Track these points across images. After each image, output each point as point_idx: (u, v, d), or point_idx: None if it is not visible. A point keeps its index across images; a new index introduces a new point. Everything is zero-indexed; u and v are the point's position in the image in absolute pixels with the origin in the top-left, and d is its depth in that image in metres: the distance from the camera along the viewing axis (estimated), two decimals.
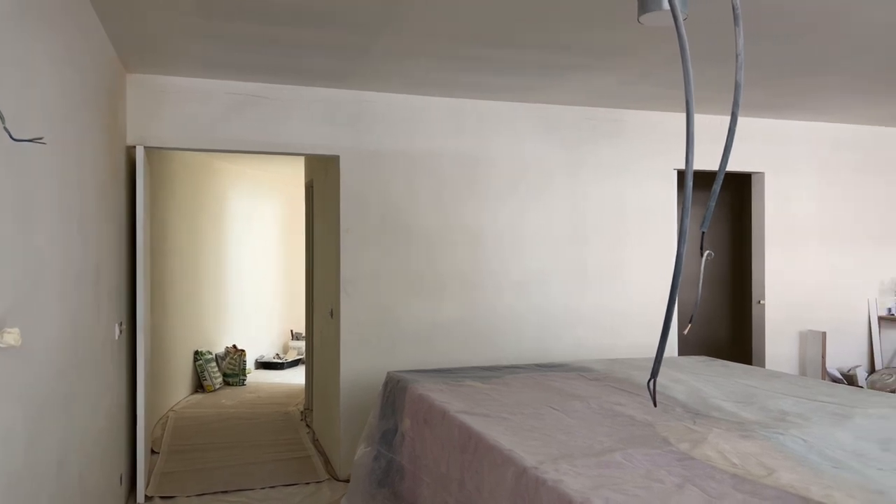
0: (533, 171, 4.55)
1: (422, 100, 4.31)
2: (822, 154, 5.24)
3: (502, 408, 2.66)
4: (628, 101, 4.49)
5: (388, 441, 3.09)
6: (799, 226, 5.19)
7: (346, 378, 4.14)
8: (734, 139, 2.40)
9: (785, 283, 5.15)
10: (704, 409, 2.62)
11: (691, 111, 2.14)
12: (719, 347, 6.51)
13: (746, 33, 3.09)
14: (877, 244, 5.39)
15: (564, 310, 4.60)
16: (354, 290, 4.16)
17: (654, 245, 4.80)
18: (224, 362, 7.04)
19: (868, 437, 2.20)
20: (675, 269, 2.18)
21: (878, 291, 5.39)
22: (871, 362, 5.37)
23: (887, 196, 5.42)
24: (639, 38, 3.17)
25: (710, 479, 1.83)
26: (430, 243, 4.32)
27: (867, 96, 4.42)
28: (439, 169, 4.35)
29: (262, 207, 8.21)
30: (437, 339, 4.31)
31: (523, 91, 4.23)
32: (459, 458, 2.41)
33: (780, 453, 2.04)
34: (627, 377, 3.25)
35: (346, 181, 4.16)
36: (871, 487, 1.75)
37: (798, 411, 2.54)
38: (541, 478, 1.86)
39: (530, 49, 3.38)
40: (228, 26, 3.04)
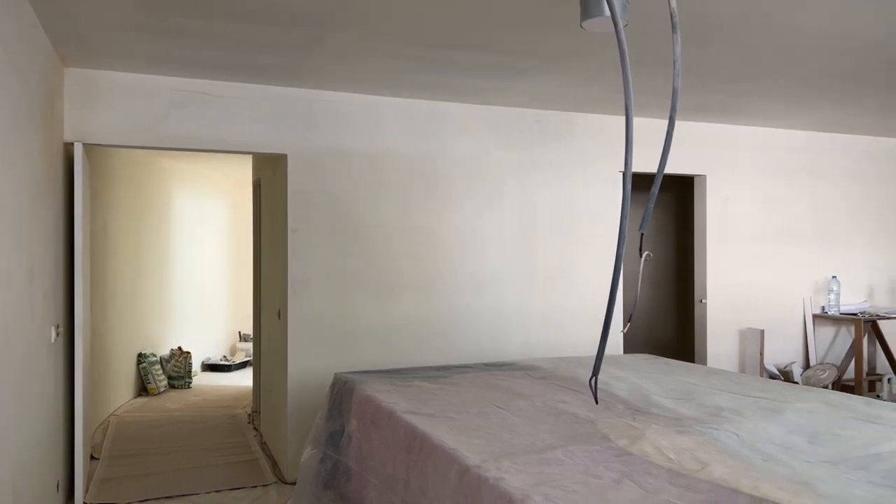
0: (485, 173, 4.59)
1: (373, 99, 4.30)
2: (761, 158, 5.43)
3: (449, 407, 2.68)
4: (576, 104, 4.57)
5: (335, 443, 3.07)
6: (739, 227, 5.37)
7: (294, 380, 4.10)
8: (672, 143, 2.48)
9: (726, 282, 5.31)
10: (645, 405, 2.69)
11: (630, 115, 2.20)
12: (664, 345, 6.68)
13: (687, 40, 3.18)
14: (811, 245, 5.61)
15: (516, 309, 4.65)
16: (303, 291, 4.12)
17: (602, 245, 4.89)
18: (169, 364, 6.88)
19: (797, 430, 2.30)
20: (614, 270, 2.24)
21: (812, 291, 5.61)
22: (805, 359, 5.58)
23: (821, 199, 5.64)
24: (583, 43, 3.23)
25: (647, 474, 1.89)
26: (382, 243, 4.31)
27: (802, 103, 4.59)
28: (391, 169, 4.34)
29: (209, 206, 8.05)
30: (389, 339, 4.30)
31: (475, 93, 4.26)
32: (405, 459, 2.42)
33: (714, 448, 2.11)
34: (573, 375, 3.31)
35: (293, 180, 4.12)
36: (798, 479, 1.83)
37: (733, 407, 2.63)
38: (483, 476, 1.88)
39: (479, 51, 3.41)
40: (171, 21, 2.98)
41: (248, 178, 6.38)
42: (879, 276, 5.88)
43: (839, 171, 5.71)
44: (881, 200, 5.89)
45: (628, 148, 2.22)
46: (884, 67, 3.71)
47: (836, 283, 5.55)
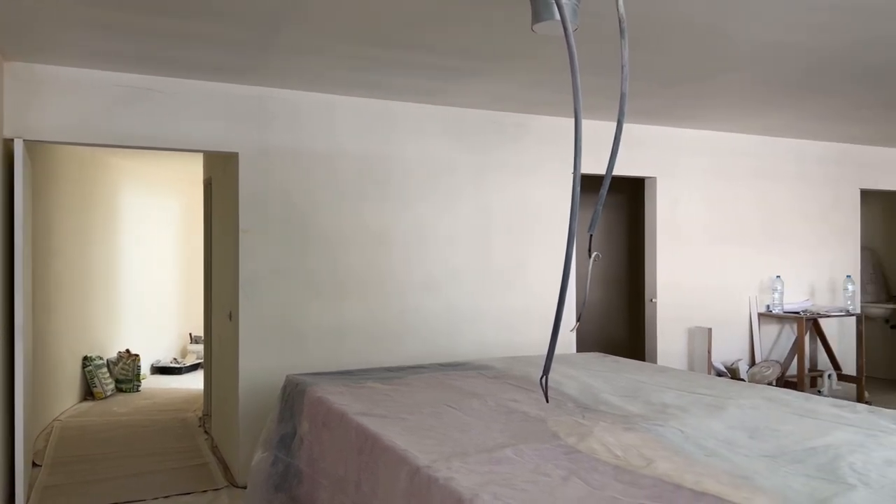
0: (440, 173, 4.60)
1: (326, 98, 4.26)
2: (709, 161, 5.58)
3: (401, 408, 2.67)
4: (530, 106, 4.61)
5: (286, 445, 3.04)
6: (688, 228, 5.50)
7: (246, 382, 4.04)
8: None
9: (675, 282, 5.43)
10: (594, 403, 2.74)
11: (579, 118, 2.23)
12: (616, 344, 6.80)
13: (636, 45, 3.25)
14: (757, 246, 5.78)
15: (471, 309, 4.67)
16: (254, 292, 4.06)
17: (556, 245, 4.95)
18: (116, 368, 6.70)
19: (738, 426, 2.37)
20: (563, 270, 2.27)
21: (757, 290, 5.79)
22: (751, 356, 5.75)
23: (767, 201, 5.82)
24: (536, 46, 3.27)
25: (594, 471, 1.92)
26: (336, 243, 4.28)
27: (748, 107, 4.73)
28: (344, 168, 4.31)
29: (159, 205, 7.86)
30: (342, 341, 4.27)
31: (430, 93, 4.26)
32: (356, 460, 2.41)
33: (660, 444, 2.16)
34: (525, 374, 3.34)
35: (245, 179, 4.06)
36: (738, 473, 1.88)
37: (678, 404, 2.70)
38: (433, 476, 1.89)
39: (433, 52, 3.41)
40: (116, 15, 2.90)
41: (199, 176, 6.26)
42: (820, 276, 6.10)
43: (783, 173, 5.90)
44: (823, 203, 6.11)
45: (577, 150, 2.25)
46: (825, 74, 3.84)
47: (779, 282, 5.73)
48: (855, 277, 6.19)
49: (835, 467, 1.93)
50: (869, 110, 4.81)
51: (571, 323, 4.76)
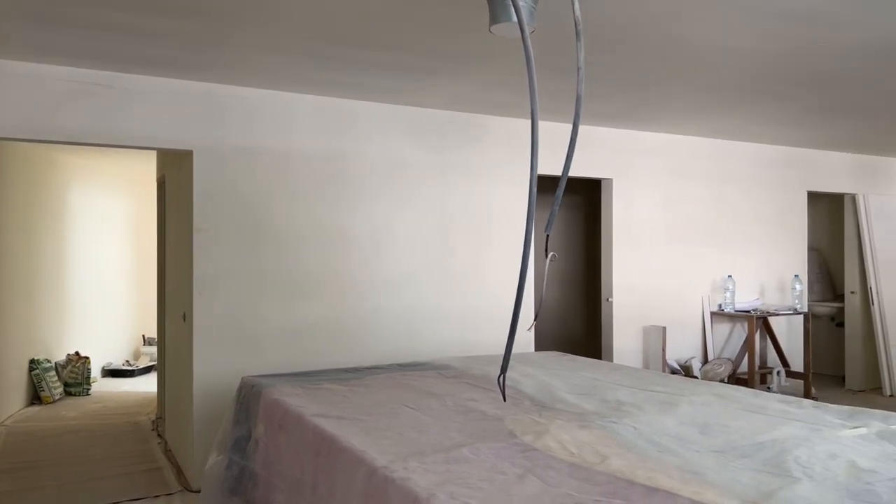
0: (401, 173, 4.58)
1: (285, 96, 4.21)
2: (664, 163, 5.69)
3: (359, 409, 2.66)
4: (489, 107, 4.63)
5: (241, 448, 3.00)
6: (643, 229, 5.60)
7: (200, 384, 3.97)
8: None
9: (631, 281, 5.53)
10: (550, 401, 2.77)
11: (536, 119, 2.25)
12: (574, 342, 6.88)
13: (594, 48, 3.29)
14: (710, 246, 5.92)
15: (431, 309, 4.67)
16: (209, 292, 3.99)
17: (515, 245, 4.97)
18: (65, 371, 6.50)
19: (690, 422, 2.42)
20: (521, 270, 2.29)
21: (710, 289, 5.93)
22: (704, 353, 5.89)
23: (719, 203, 5.97)
24: (495, 47, 3.28)
25: (549, 469, 1.94)
26: (293, 243, 4.23)
27: (701, 111, 4.84)
28: (302, 167, 4.27)
29: (111, 204, 7.66)
30: (300, 341, 4.23)
31: (390, 92, 4.25)
32: (313, 462, 2.38)
33: (614, 441, 2.20)
34: (484, 373, 3.36)
35: (199, 178, 3.98)
36: (688, 468, 1.93)
37: (633, 401, 2.75)
38: (389, 476, 1.88)
39: (394, 51, 3.40)
40: (63, 9, 2.81)
41: (153, 174, 6.12)
42: (770, 276, 6.28)
43: (735, 176, 6.06)
44: (772, 204, 6.29)
45: (534, 152, 2.27)
46: (774, 80, 3.96)
47: (731, 282, 5.88)
48: (802, 277, 6.39)
49: (781, 461, 1.99)
50: (815, 116, 4.97)
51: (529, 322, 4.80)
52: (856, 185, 6.80)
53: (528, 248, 2.26)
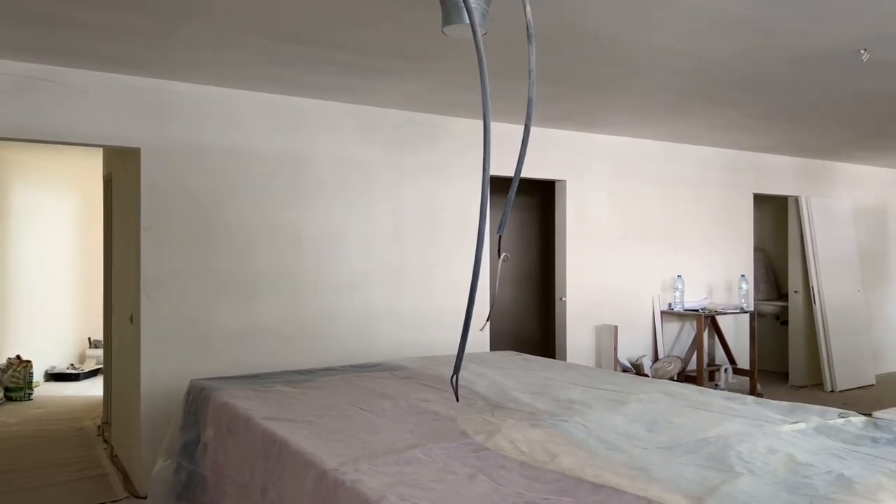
0: (354, 173, 4.55)
1: (235, 93, 4.14)
2: (616, 165, 5.79)
3: (310, 411, 2.63)
4: (444, 107, 4.64)
5: (190, 453, 2.93)
6: (596, 230, 5.69)
7: (148, 388, 3.87)
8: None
9: (584, 281, 5.61)
10: (503, 401, 2.79)
11: (488, 121, 2.27)
12: (529, 341, 6.94)
13: (547, 51, 3.33)
14: (660, 247, 6.05)
15: (385, 309, 4.65)
16: (157, 293, 3.89)
17: (470, 245, 4.98)
18: (5, 375, 6.26)
19: (638, 420, 2.47)
20: (473, 271, 2.30)
21: (660, 289, 6.06)
22: (654, 352, 6.01)
23: (669, 205, 6.10)
24: (448, 48, 3.29)
25: (500, 468, 1.95)
26: (243, 243, 4.16)
27: (652, 115, 4.94)
28: (255, 166, 4.20)
29: (55, 202, 7.41)
30: (251, 343, 4.16)
31: (343, 91, 4.22)
32: (263, 466, 2.35)
33: (564, 439, 2.22)
34: (438, 374, 3.36)
35: (147, 176, 3.88)
36: (635, 465, 1.96)
37: (583, 399, 2.79)
38: (340, 479, 1.87)
39: (346, 50, 3.37)
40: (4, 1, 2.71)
41: (99, 172, 5.95)
42: (718, 276, 6.45)
43: (684, 178, 6.20)
44: (720, 206, 6.46)
45: (486, 153, 2.28)
46: (721, 85, 4.06)
47: (680, 281, 6.02)
48: (749, 277, 6.58)
49: (724, 456, 2.04)
50: (760, 120, 5.13)
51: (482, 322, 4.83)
52: (799, 188, 7.04)
53: (481, 248, 2.28)
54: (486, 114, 2.26)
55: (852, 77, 3.85)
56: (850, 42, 3.21)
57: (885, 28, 3.01)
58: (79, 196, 7.58)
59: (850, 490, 1.76)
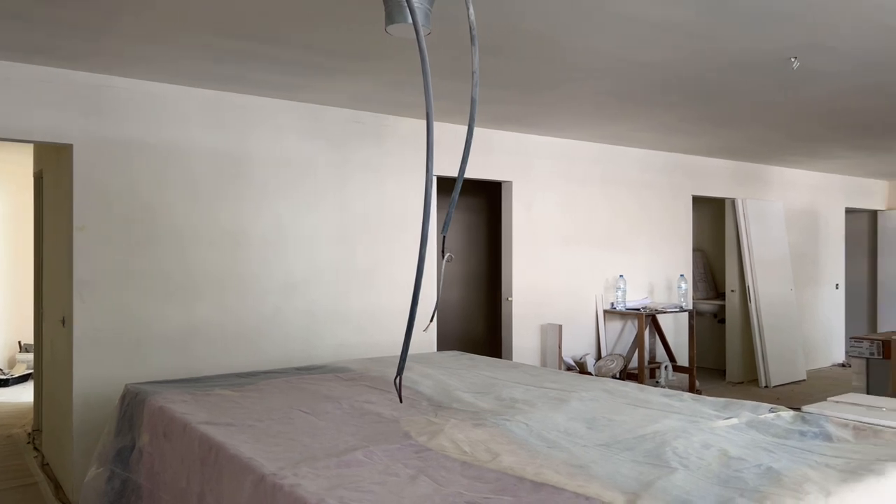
0: (300, 172, 4.48)
1: (174, 89, 4.02)
2: (561, 166, 5.87)
3: (250, 415, 2.58)
4: (391, 106, 4.62)
5: (124, 460, 2.84)
6: (541, 230, 5.75)
7: (81, 393, 3.72)
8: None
9: (529, 281, 5.67)
10: (447, 401, 2.79)
11: (431, 121, 2.26)
12: (477, 341, 6.98)
13: (492, 53, 3.35)
14: (603, 247, 6.17)
15: (331, 310, 4.60)
16: (91, 295, 3.75)
17: (417, 246, 4.99)
18: None
19: (578, 417, 2.51)
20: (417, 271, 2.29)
21: (603, 288, 6.17)
22: (598, 350, 6.12)
23: (611, 206, 6.22)
24: (394, 47, 3.28)
25: (442, 469, 1.95)
26: (185, 243, 4.05)
27: (595, 117, 5.03)
28: (196, 164, 4.09)
29: None
30: (191, 346, 4.05)
31: (288, 89, 4.15)
32: (200, 471, 2.29)
33: (506, 438, 2.24)
34: (381, 375, 3.34)
35: (80, 173, 3.74)
36: (575, 463, 1.99)
37: (526, 398, 2.81)
38: (278, 483, 1.84)
39: (290, 47, 3.32)
40: None
41: (29, 168, 5.70)
42: (658, 275, 6.61)
43: (626, 180, 6.33)
44: (660, 208, 6.62)
45: (429, 153, 2.28)
46: (660, 89, 4.16)
47: (622, 281, 6.15)
48: (687, 276, 6.77)
49: (660, 452, 2.09)
50: (699, 125, 5.28)
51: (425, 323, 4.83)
52: (735, 191, 7.28)
53: (425, 248, 2.27)
54: (430, 114, 2.25)
55: (784, 84, 4.00)
56: (781, 50, 3.34)
57: (814, 37, 3.14)
58: (8, 194, 7.25)
59: (777, 482, 1.82)
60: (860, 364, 4.55)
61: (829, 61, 3.52)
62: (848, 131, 5.54)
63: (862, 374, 4.56)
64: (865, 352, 4.52)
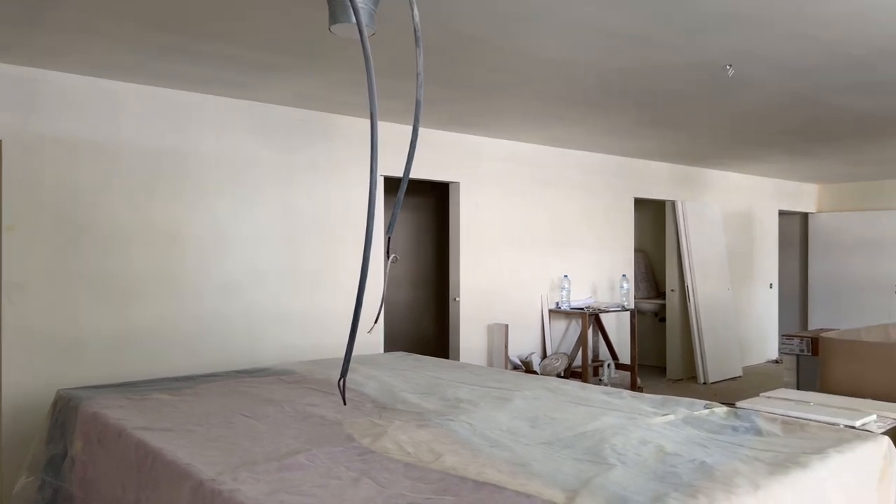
0: (244, 171, 4.40)
1: (110, 84, 3.90)
2: (507, 168, 5.93)
3: (189, 420, 2.52)
4: (337, 105, 4.58)
5: (56, 468, 2.73)
6: (488, 231, 5.80)
7: (10, 400, 3.57)
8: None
9: (476, 281, 5.71)
10: (392, 402, 2.78)
11: (375, 121, 2.25)
12: (425, 342, 6.99)
13: (439, 55, 3.36)
14: (548, 248, 6.26)
15: (275, 312, 4.53)
16: (21, 297, 3.60)
17: (361, 247, 4.95)
18: None
19: (521, 416, 2.54)
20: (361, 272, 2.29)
21: (548, 288, 6.26)
22: (543, 349, 6.21)
23: (555, 207, 6.32)
24: (340, 45, 3.25)
25: (385, 470, 1.95)
26: (119, 244, 3.93)
27: (539, 120, 5.10)
28: (135, 162, 3.97)
29: None
30: (128, 349, 3.93)
31: (232, 86, 4.07)
32: (136, 479, 2.23)
33: (450, 438, 2.25)
34: (326, 377, 3.32)
35: (10, 170, 3.58)
36: (517, 461, 2.02)
37: (470, 398, 2.83)
38: (217, 489, 1.80)
39: (233, 43, 3.26)
40: None
41: None
42: (601, 275, 6.75)
43: (569, 182, 6.45)
44: (602, 209, 6.77)
45: (373, 153, 2.27)
46: (603, 94, 4.25)
47: (567, 281, 6.25)
48: (629, 276, 6.93)
49: (599, 449, 2.13)
50: (640, 129, 5.42)
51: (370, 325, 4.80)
52: (675, 193, 7.50)
53: (369, 249, 2.26)
54: (374, 114, 2.24)
55: (720, 90, 4.14)
56: (718, 58, 3.45)
57: (749, 46, 3.26)
58: None
59: (710, 477, 1.88)
60: (791, 361, 4.74)
61: (762, 70, 3.67)
62: (781, 137, 5.77)
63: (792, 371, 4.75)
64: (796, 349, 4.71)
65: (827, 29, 3.02)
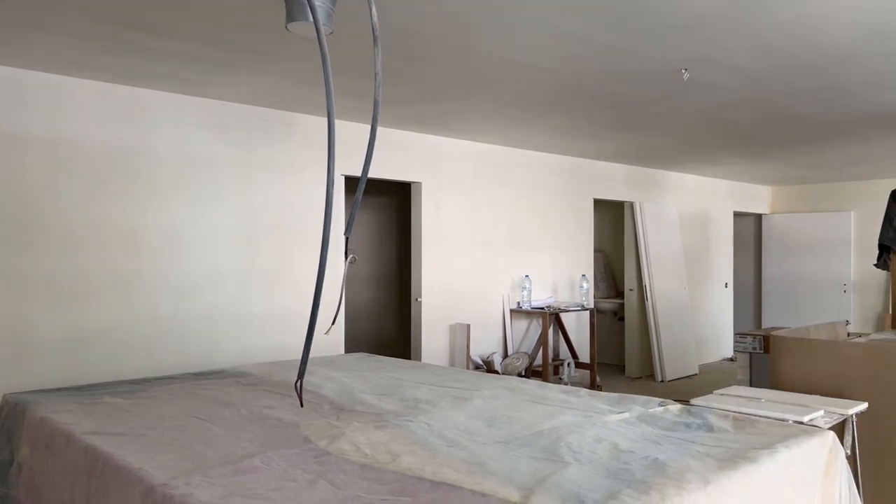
0: (199, 169, 4.32)
1: (59, 79, 3.79)
2: (468, 169, 5.95)
3: (141, 423, 2.47)
4: (296, 104, 4.53)
5: (3, 475, 2.65)
6: (449, 231, 5.81)
7: None
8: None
9: (438, 281, 5.71)
10: (350, 404, 2.77)
11: (332, 121, 2.24)
12: (387, 342, 6.97)
13: (398, 55, 3.35)
14: (509, 248, 6.30)
15: (233, 313, 4.46)
16: None
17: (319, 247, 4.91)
18: None
19: (479, 416, 2.55)
20: (318, 272, 2.27)
21: (509, 288, 6.30)
22: (504, 348, 6.25)
23: (516, 208, 6.37)
24: (298, 43, 3.22)
25: (341, 472, 1.94)
26: (70, 243, 3.82)
27: (502, 121, 5.13)
28: (86, 160, 3.87)
29: None
30: (79, 352, 3.83)
31: (187, 83, 3.99)
32: (86, 484, 2.17)
33: (408, 439, 2.25)
34: (283, 379, 3.28)
35: None
36: (474, 460, 2.03)
37: (429, 398, 2.83)
38: (169, 494, 1.77)
39: (188, 40, 3.20)
40: None
41: None
42: (561, 275, 6.82)
43: (530, 183, 6.50)
44: (562, 210, 6.84)
45: (330, 153, 2.26)
46: (563, 96, 4.30)
47: (528, 281, 6.30)
48: (589, 276, 7.02)
49: (555, 448, 2.16)
50: (601, 131, 5.49)
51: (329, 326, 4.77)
52: (634, 194, 7.62)
53: (326, 250, 2.24)
54: (331, 113, 2.23)
55: (676, 94, 4.22)
56: (674, 62, 3.52)
57: (703, 51, 3.33)
58: None
59: (662, 473, 1.92)
60: (744, 358, 4.85)
61: (716, 74, 3.75)
62: (735, 140, 5.91)
63: (746, 368, 4.87)
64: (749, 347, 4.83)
65: (778, 36, 3.10)
